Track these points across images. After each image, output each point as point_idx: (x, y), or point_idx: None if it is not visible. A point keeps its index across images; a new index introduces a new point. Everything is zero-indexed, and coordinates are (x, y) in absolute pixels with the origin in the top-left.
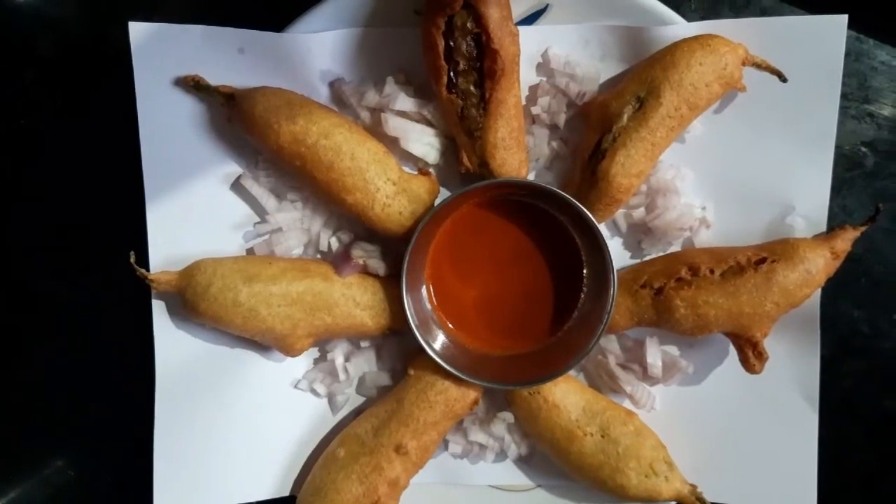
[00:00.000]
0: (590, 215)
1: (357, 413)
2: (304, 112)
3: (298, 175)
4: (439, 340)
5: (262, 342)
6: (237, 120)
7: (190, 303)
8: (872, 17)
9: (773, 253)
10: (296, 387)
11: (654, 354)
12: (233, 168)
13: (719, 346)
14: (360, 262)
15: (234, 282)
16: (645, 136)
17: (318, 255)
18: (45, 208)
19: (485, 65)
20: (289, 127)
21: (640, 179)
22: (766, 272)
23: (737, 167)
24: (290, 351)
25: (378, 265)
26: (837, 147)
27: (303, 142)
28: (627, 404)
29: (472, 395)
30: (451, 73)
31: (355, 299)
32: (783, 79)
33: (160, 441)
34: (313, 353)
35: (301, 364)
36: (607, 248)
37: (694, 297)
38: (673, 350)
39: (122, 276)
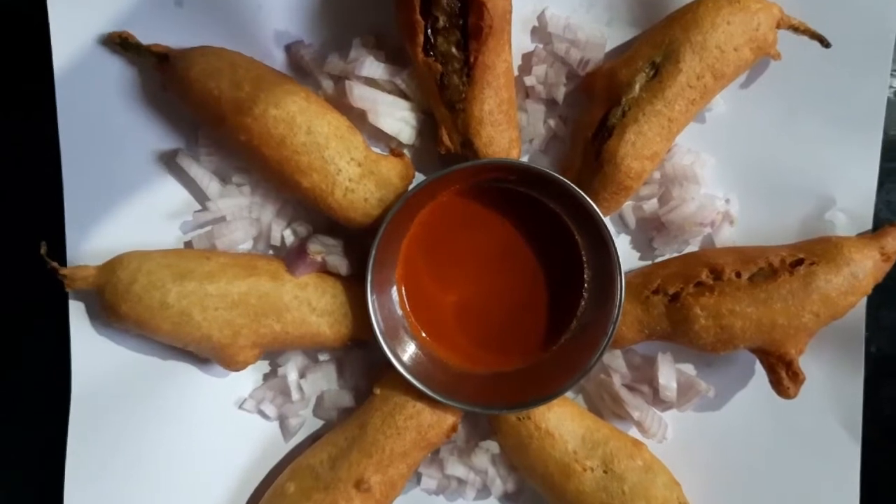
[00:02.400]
0: (594, 206)
1: (315, 439)
2: (250, 76)
3: (245, 153)
4: (411, 353)
5: (198, 353)
6: (172, 86)
7: (109, 303)
8: None
9: (811, 253)
10: (241, 407)
11: (668, 374)
12: (168, 145)
13: (745, 365)
14: (318, 258)
15: (161, 279)
16: (660, 110)
17: (271, 251)
18: None
19: (469, 21)
20: (232, 93)
21: (653, 163)
22: (805, 276)
23: (767, 152)
24: (231, 364)
25: (339, 262)
26: (883, 132)
27: (249, 111)
28: (635, 433)
29: (449, 420)
30: (429, 31)
31: (310, 303)
32: (826, 44)
33: (73, 472)
34: (262, 367)
35: (248, 380)
36: (614, 245)
37: (717, 306)
38: (689, 369)
39: (33, 273)
